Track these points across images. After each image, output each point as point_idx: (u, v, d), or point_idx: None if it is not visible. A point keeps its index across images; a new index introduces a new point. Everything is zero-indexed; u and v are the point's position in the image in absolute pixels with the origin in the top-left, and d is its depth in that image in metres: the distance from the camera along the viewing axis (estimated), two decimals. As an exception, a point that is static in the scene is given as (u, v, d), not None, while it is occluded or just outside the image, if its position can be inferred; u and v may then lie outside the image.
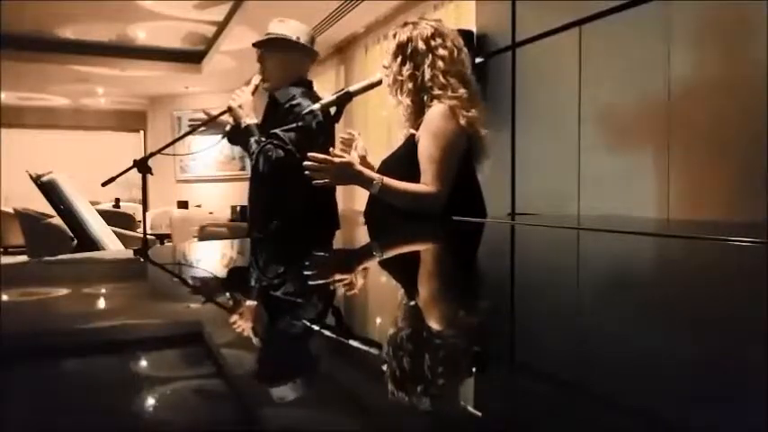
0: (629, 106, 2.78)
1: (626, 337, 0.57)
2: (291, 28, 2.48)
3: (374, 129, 5.53)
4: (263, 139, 2.32)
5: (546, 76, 3.30)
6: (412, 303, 0.76)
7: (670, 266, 1.08)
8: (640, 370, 0.46)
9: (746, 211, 2.29)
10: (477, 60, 3.61)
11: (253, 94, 2.44)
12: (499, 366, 0.50)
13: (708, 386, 0.42)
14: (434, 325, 0.65)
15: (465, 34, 3.58)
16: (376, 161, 1.97)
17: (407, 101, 1.81)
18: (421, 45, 1.79)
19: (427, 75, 1.77)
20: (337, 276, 0.98)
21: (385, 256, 1.26)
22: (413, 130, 1.81)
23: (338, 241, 1.82)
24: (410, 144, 1.81)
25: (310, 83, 2.52)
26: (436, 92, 1.77)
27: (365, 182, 1.71)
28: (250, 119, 2.37)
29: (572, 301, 0.77)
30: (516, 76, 3.45)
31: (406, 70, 1.80)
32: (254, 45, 2.55)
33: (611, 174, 2.86)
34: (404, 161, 1.81)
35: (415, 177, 1.76)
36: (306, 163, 1.68)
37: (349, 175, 1.70)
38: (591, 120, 2.97)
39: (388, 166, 1.89)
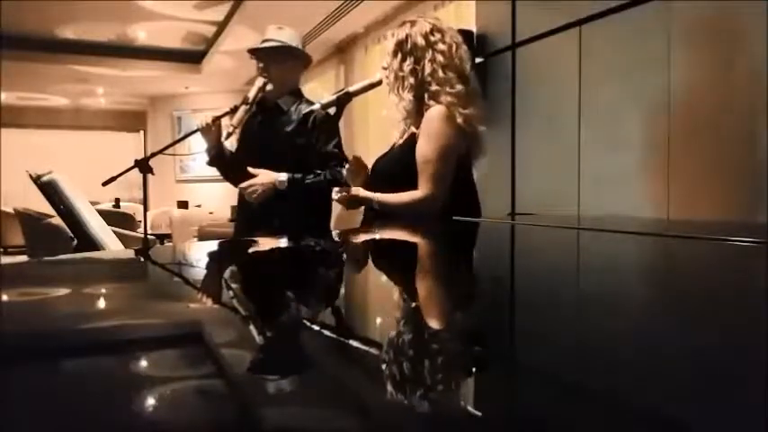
0: (629, 106, 2.78)
1: (626, 337, 0.57)
2: (290, 35, 2.52)
3: (374, 129, 5.52)
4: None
5: (546, 75, 3.30)
6: (412, 303, 0.76)
7: (670, 266, 1.08)
8: (640, 370, 0.46)
9: (746, 211, 2.29)
10: (478, 60, 3.61)
11: (255, 98, 2.44)
12: (499, 366, 0.50)
13: (708, 386, 0.42)
14: (434, 324, 0.65)
15: (465, 34, 3.60)
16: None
17: (409, 96, 1.81)
18: (420, 40, 1.81)
19: (427, 69, 1.78)
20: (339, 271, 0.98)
21: (383, 255, 1.26)
22: (414, 129, 1.81)
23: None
24: (411, 143, 1.81)
25: (300, 90, 2.59)
26: (434, 87, 1.78)
27: (369, 203, 1.88)
28: None
29: (572, 301, 0.77)
30: (516, 76, 3.45)
31: (407, 66, 1.81)
32: (251, 51, 2.55)
33: (611, 174, 2.86)
34: (403, 160, 1.81)
35: (414, 175, 1.77)
36: (337, 197, 1.92)
37: (359, 202, 1.91)
38: (591, 119, 2.97)
39: (384, 165, 1.90)
